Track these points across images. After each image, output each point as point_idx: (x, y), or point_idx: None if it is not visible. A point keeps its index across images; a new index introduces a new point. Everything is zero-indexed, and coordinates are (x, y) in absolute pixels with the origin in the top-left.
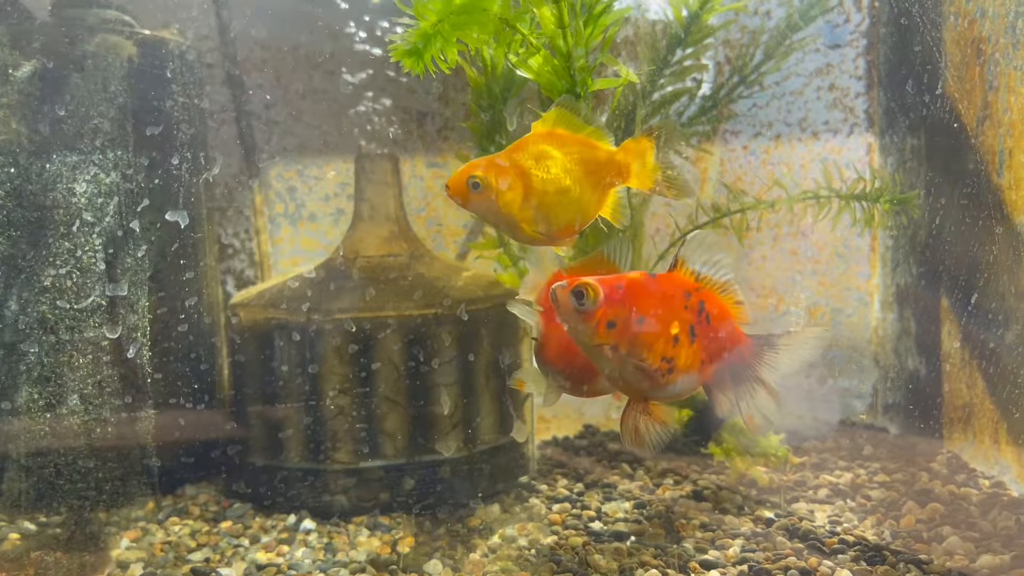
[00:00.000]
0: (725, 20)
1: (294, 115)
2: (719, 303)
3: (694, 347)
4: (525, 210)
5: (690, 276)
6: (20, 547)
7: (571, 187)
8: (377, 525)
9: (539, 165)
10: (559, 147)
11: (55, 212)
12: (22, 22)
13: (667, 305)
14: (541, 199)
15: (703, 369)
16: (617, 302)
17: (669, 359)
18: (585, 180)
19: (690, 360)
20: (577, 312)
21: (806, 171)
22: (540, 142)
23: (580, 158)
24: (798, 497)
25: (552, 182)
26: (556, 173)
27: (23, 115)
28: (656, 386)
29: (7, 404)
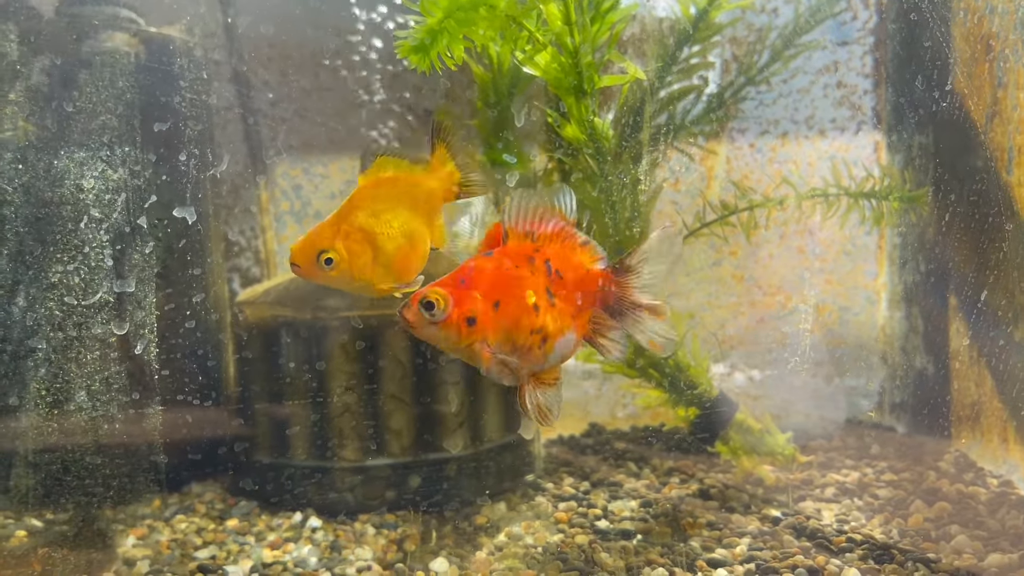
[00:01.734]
0: (732, 18)
1: (300, 112)
2: (563, 254)
3: (557, 307)
4: (376, 271)
5: (525, 239)
6: (27, 544)
7: (410, 232)
8: (383, 523)
9: (380, 221)
10: (390, 195)
11: (63, 208)
12: (30, 19)
13: (515, 278)
14: (389, 255)
15: (577, 324)
16: (466, 297)
17: (538, 329)
18: (419, 218)
19: (559, 321)
20: (433, 324)
21: (813, 169)
22: (371, 197)
23: (410, 198)
24: (805, 496)
25: (394, 235)
26: (397, 224)
27: (31, 112)
28: (538, 359)
29: (15, 400)
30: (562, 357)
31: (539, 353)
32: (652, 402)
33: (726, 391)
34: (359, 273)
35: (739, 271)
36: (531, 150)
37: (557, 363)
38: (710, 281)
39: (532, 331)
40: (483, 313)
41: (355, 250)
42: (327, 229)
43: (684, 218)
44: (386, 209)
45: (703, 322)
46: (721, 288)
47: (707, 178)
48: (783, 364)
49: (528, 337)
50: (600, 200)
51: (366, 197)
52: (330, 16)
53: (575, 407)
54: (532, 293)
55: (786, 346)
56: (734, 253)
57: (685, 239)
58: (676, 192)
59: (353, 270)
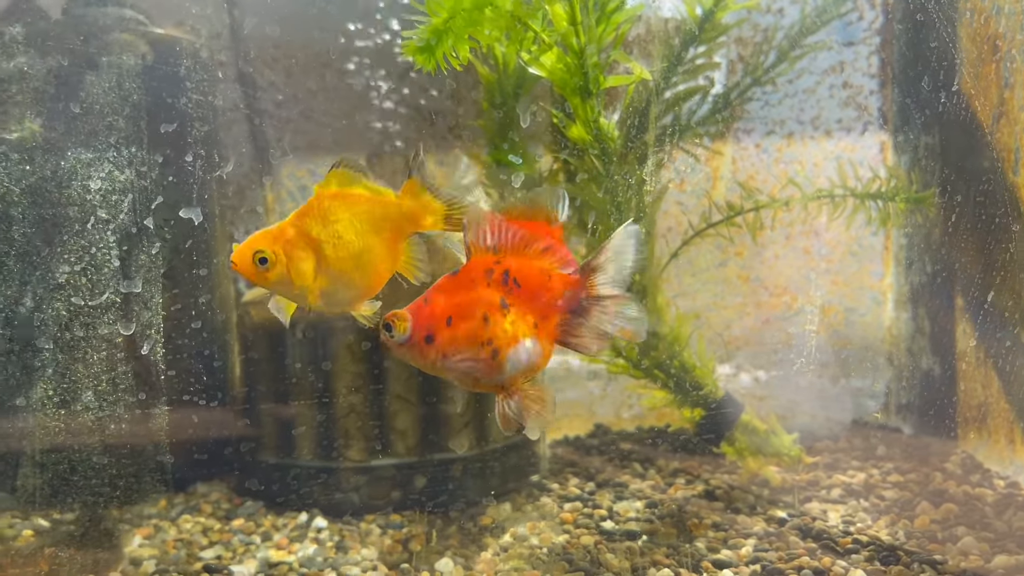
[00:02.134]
0: (738, 18)
1: (306, 113)
2: (524, 264)
3: (512, 317)
4: (320, 280)
5: (487, 253)
6: (34, 543)
7: (364, 249)
8: (388, 523)
9: (328, 231)
10: (346, 208)
11: (70, 209)
12: (37, 21)
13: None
14: (334, 266)
15: (541, 331)
16: (424, 317)
17: (487, 340)
18: (377, 238)
19: (512, 330)
20: (400, 344)
21: (819, 169)
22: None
23: (369, 216)
24: (811, 497)
25: (345, 246)
26: (348, 236)
27: (38, 113)
28: (496, 369)
29: (22, 400)
30: (525, 365)
31: (493, 364)
32: (658, 403)
33: (732, 392)
34: (298, 278)
35: (745, 272)
36: (536, 150)
37: (520, 372)
38: (716, 282)
39: (481, 343)
40: (438, 330)
41: (295, 255)
42: (269, 232)
43: (690, 218)
44: (339, 221)
45: (709, 323)
46: (727, 289)
47: (713, 179)
48: (789, 365)
49: (478, 349)
50: (606, 200)
51: (319, 206)
52: (335, 17)
53: (580, 408)
54: (481, 305)
55: (792, 347)
56: (740, 254)
57: (691, 240)
58: (681, 192)
59: (291, 274)
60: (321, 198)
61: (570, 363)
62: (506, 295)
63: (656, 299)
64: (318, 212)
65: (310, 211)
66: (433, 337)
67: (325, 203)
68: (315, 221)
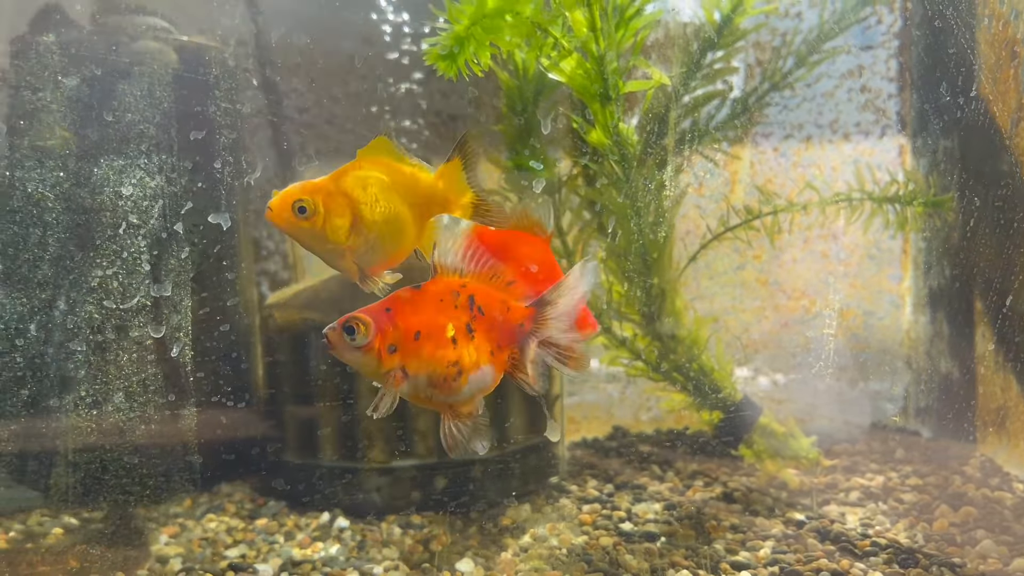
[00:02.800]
0: (757, 23)
1: (329, 119)
2: (488, 292)
3: (476, 342)
4: (353, 239)
5: (453, 275)
6: (64, 541)
7: (397, 217)
8: (409, 524)
9: (367, 193)
10: (385, 175)
11: (102, 215)
12: (69, 29)
13: (437, 311)
14: (369, 228)
15: (495, 359)
16: (389, 325)
17: (455, 362)
18: (409, 210)
19: (475, 355)
20: (355, 348)
21: (837, 173)
22: (367, 169)
23: (405, 187)
24: (829, 499)
25: (381, 211)
26: (384, 202)
27: (72, 121)
28: (452, 391)
29: (55, 401)
30: (478, 391)
31: (454, 385)
32: (676, 405)
33: (750, 395)
34: (332, 233)
35: (763, 275)
36: (556, 155)
37: (472, 396)
38: (734, 285)
39: (448, 364)
40: (403, 343)
41: (334, 210)
42: (309, 183)
43: (708, 222)
44: (376, 186)
45: (727, 326)
46: (745, 292)
47: (731, 182)
48: (807, 368)
49: (444, 369)
50: (625, 205)
51: (359, 168)
52: (358, 24)
53: (599, 410)
54: (452, 327)
55: (810, 350)
56: (758, 257)
57: (709, 243)
58: (700, 196)
59: (327, 229)
60: (362, 161)
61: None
62: (471, 320)
63: (674, 302)
64: (358, 174)
65: (350, 172)
66: (396, 348)
67: (365, 167)
68: (354, 182)
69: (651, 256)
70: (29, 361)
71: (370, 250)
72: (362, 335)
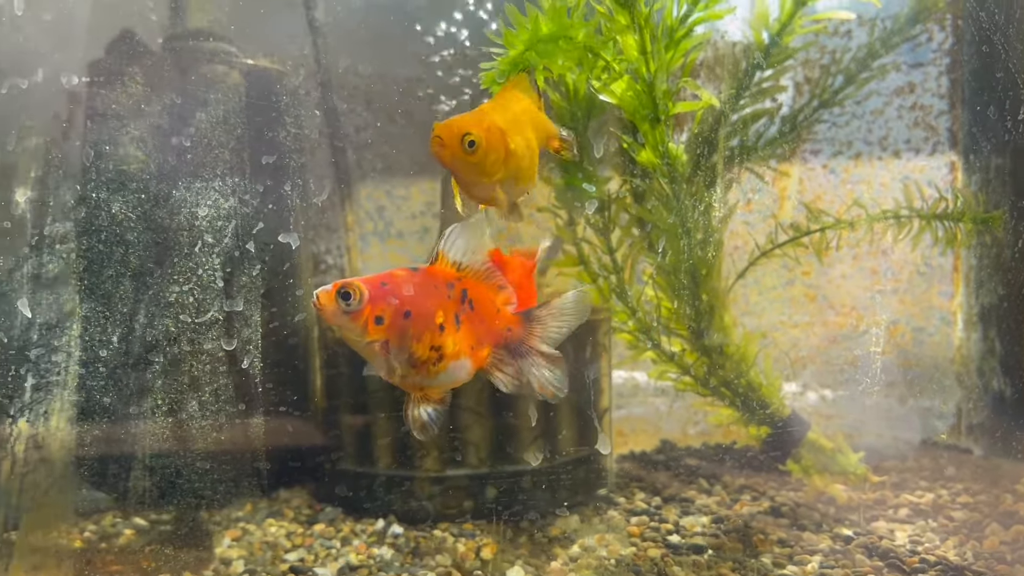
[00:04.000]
0: (805, 42)
1: (383, 138)
2: (482, 290)
3: (460, 334)
4: (503, 172)
5: (451, 267)
6: (136, 542)
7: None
8: (461, 532)
9: (515, 126)
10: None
11: (180, 234)
12: (143, 55)
13: (431, 296)
14: (515, 165)
15: (474, 354)
16: (382, 298)
17: (437, 347)
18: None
19: (458, 346)
20: (344, 313)
21: (887, 190)
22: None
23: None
24: (878, 516)
25: (523, 143)
26: (524, 135)
27: (148, 144)
28: (428, 375)
29: (135, 409)
30: (452, 380)
31: (432, 369)
32: (724, 420)
33: (798, 410)
34: (492, 167)
35: (811, 291)
36: (605, 173)
37: (446, 384)
38: (782, 300)
39: (432, 347)
40: (392, 317)
41: (493, 144)
42: (470, 118)
43: (756, 238)
44: (519, 120)
45: (775, 341)
46: (793, 308)
47: (779, 199)
48: (856, 384)
49: (426, 352)
50: (675, 223)
51: (504, 105)
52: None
53: (646, 424)
54: (441, 313)
55: (859, 366)
56: (806, 273)
57: (757, 259)
58: (748, 213)
59: (486, 163)
60: (506, 94)
61: (637, 379)
62: (460, 312)
63: (723, 318)
64: (507, 109)
65: (499, 107)
66: (383, 320)
67: (511, 100)
68: (505, 117)
69: (700, 273)
70: (111, 371)
71: (513, 181)
72: (355, 301)
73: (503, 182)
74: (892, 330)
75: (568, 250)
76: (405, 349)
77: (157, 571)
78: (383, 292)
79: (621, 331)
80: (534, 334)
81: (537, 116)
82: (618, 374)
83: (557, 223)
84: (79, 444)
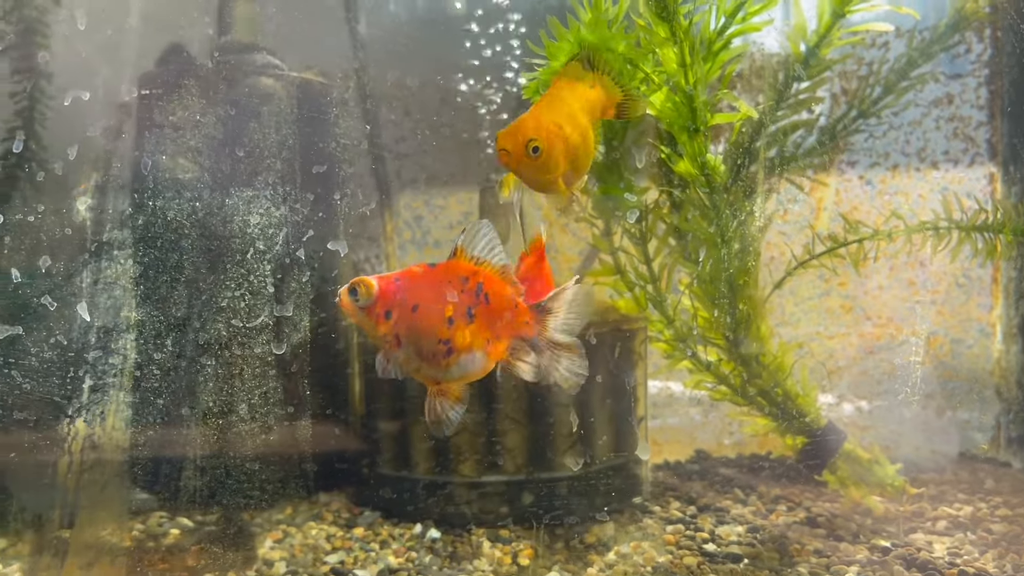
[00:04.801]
0: (843, 54)
1: (423, 148)
2: (498, 285)
3: (473, 327)
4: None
5: (470, 262)
6: (182, 541)
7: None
8: (498, 537)
9: (571, 121)
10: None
11: (232, 242)
12: (192, 67)
13: (440, 290)
14: (573, 155)
15: (491, 348)
16: (391, 293)
17: (445, 340)
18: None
19: (469, 339)
20: (358, 308)
21: (925, 201)
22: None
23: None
24: (915, 528)
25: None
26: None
27: (208, 156)
28: (440, 367)
29: (187, 411)
30: (465, 373)
31: (443, 363)
32: (760, 430)
33: (834, 421)
34: (554, 165)
35: (848, 301)
36: (642, 183)
37: (460, 377)
38: (818, 311)
39: (440, 340)
40: (400, 311)
41: (554, 143)
42: (530, 122)
43: (792, 248)
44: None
45: (812, 352)
46: (830, 318)
47: (816, 209)
48: (892, 395)
49: (434, 345)
50: (713, 233)
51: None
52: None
53: (681, 433)
54: (451, 307)
55: (896, 377)
56: (843, 284)
57: (794, 270)
58: (784, 223)
59: (549, 162)
60: (559, 87)
61: (671, 389)
62: (474, 306)
63: (760, 327)
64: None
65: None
66: (392, 314)
67: (563, 92)
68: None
69: (738, 282)
70: (165, 373)
71: (572, 172)
72: (364, 296)
73: (564, 175)
74: (930, 341)
75: (605, 259)
76: (415, 343)
77: (203, 570)
78: (393, 287)
79: (657, 340)
80: (550, 326)
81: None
82: (653, 383)
83: (594, 232)
84: (133, 444)
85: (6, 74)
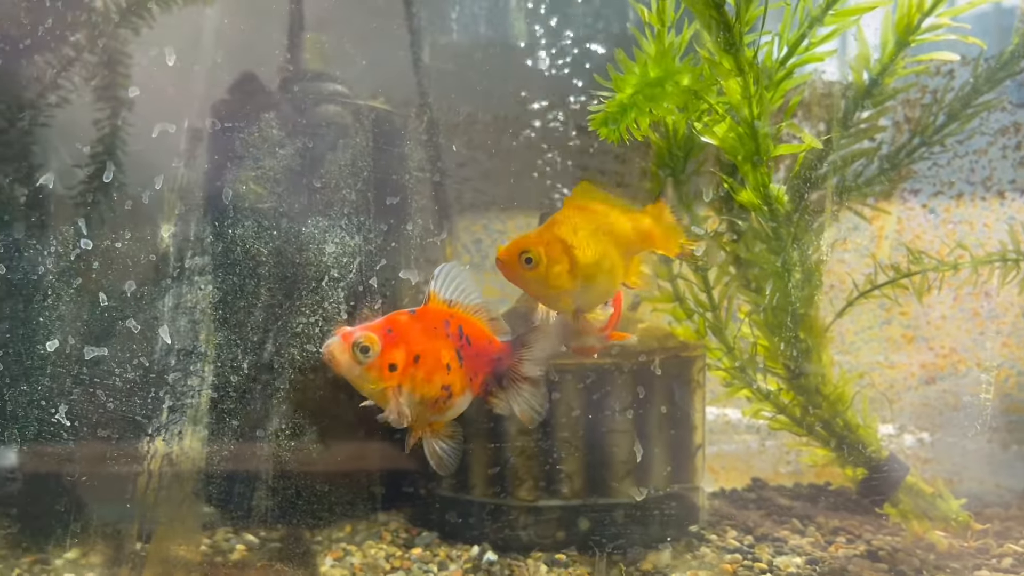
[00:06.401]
0: (907, 83)
1: (483, 173)
2: (474, 324)
3: (463, 369)
4: (571, 282)
5: (443, 305)
6: (248, 558)
7: (606, 256)
8: (554, 561)
9: (579, 238)
10: (593, 219)
11: (307, 269)
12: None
13: (435, 338)
14: (584, 271)
15: (473, 385)
16: (393, 346)
17: (447, 386)
18: (616, 250)
19: (463, 381)
20: (360, 364)
21: (990, 230)
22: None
23: (611, 229)
24: (980, 564)
25: (592, 253)
26: (594, 245)
27: (286, 186)
28: (440, 411)
29: (261, 432)
30: (456, 413)
31: (443, 406)
32: (819, 460)
33: (895, 452)
34: (555, 280)
35: (909, 331)
36: (701, 211)
37: (451, 417)
38: (879, 340)
39: (443, 386)
40: (404, 363)
41: (554, 257)
42: (532, 235)
43: (853, 277)
44: (585, 230)
45: (872, 382)
46: (890, 347)
47: (877, 238)
48: (955, 428)
49: (438, 392)
50: (775, 262)
51: (569, 217)
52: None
53: (737, 461)
54: (447, 354)
55: (959, 409)
56: (904, 313)
57: (856, 300)
58: (845, 251)
59: (549, 276)
60: (570, 208)
61: (728, 416)
62: (460, 348)
63: (820, 357)
64: (569, 222)
65: (561, 220)
66: (396, 367)
67: (574, 213)
68: (568, 229)
69: (799, 311)
70: (240, 395)
71: (585, 290)
72: (373, 352)
73: (573, 292)
74: (995, 374)
75: (663, 286)
76: (418, 391)
77: None
78: (392, 339)
79: (716, 368)
80: (524, 358)
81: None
82: (710, 410)
83: (653, 259)
84: (208, 463)
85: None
